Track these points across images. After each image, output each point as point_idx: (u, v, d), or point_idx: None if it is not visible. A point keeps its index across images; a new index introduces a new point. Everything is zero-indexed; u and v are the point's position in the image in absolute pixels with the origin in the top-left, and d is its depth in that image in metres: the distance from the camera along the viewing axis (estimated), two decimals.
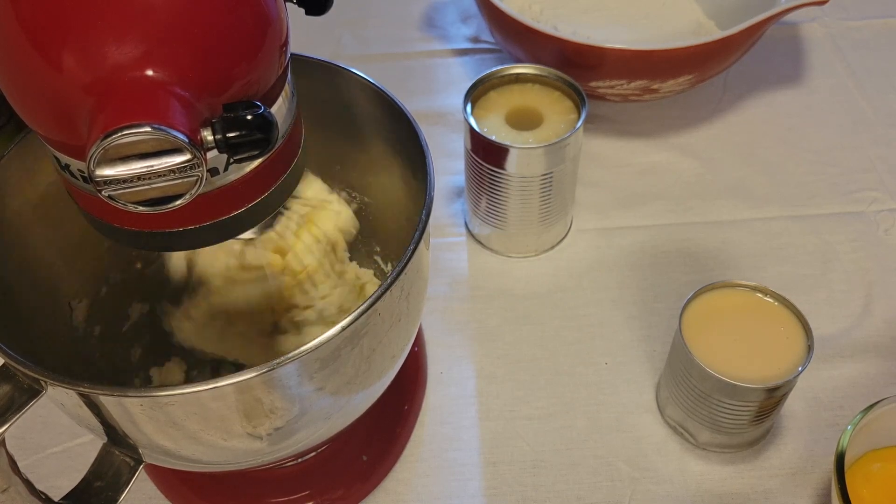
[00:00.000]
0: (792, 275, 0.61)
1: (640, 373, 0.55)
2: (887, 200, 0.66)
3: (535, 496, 0.50)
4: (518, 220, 0.60)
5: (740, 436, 0.50)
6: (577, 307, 0.59)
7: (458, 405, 0.54)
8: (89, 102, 0.28)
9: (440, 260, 0.63)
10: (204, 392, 0.33)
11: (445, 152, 0.70)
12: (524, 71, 0.59)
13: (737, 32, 0.61)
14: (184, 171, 0.28)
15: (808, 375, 0.53)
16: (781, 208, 0.65)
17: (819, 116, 0.73)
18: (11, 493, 0.36)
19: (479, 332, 0.58)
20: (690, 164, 0.69)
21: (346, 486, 0.50)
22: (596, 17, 0.75)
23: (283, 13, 0.33)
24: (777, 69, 0.77)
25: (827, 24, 0.81)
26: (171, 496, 0.50)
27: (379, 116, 0.46)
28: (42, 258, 0.46)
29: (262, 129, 0.29)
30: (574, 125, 0.56)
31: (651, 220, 0.65)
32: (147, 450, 0.39)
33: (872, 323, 0.58)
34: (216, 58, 0.29)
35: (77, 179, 0.32)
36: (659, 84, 0.64)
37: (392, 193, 0.50)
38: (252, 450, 0.39)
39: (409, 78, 0.78)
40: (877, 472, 0.46)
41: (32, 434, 0.53)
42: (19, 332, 0.41)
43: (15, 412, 0.34)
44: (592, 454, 0.52)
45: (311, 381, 0.36)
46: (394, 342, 0.41)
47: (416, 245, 0.38)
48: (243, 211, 0.34)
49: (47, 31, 0.28)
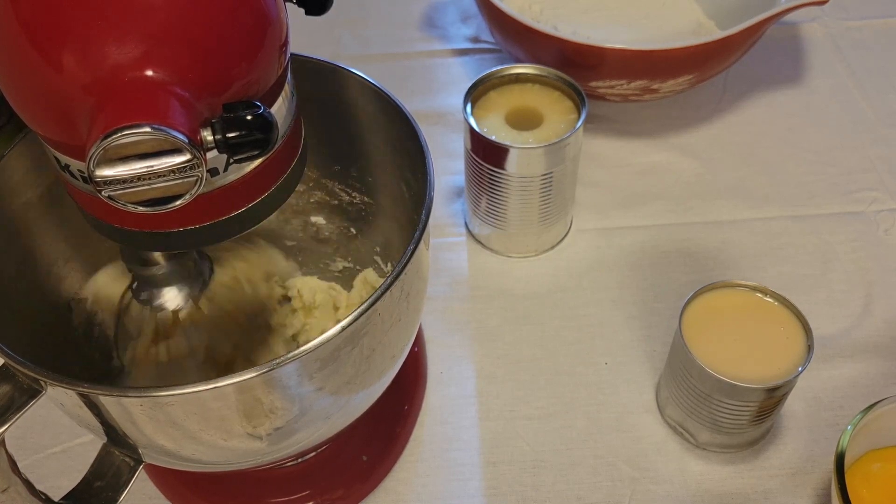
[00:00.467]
0: (792, 275, 0.61)
1: (640, 373, 0.55)
2: (887, 200, 0.66)
3: (535, 496, 0.50)
4: (518, 220, 0.60)
5: (740, 436, 0.50)
6: (577, 307, 0.59)
7: (458, 405, 0.54)
8: (89, 102, 0.28)
9: (440, 260, 0.63)
10: (204, 392, 0.33)
11: (445, 152, 0.70)
12: (524, 71, 0.59)
13: (737, 32, 0.61)
14: (184, 171, 0.28)
15: (808, 375, 0.53)
16: (781, 208, 0.65)
17: (819, 116, 0.73)
18: (11, 493, 0.36)
19: (479, 332, 0.58)
20: (690, 164, 0.69)
21: (346, 486, 0.50)
22: (596, 17, 0.75)
23: (283, 13, 0.33)
24: (777, 69, 0.77)
25: (827, 24, 0.81)
26: (171, 496, 0.50)
27: (379, 116, 0.46)
28: (42, 258, 0.46)
29: (261, 129, 0.29)
30: (574, 125, 0.56)
31: (651, 220, 0.65)
32: (147, 450, 0.39)
33: (872, 323, 0.58)
34: (216, 58, 0.29)
35: (77, 180, 0.32)
36: (659, 84, 0.64)
37: (392, 193, 0.50)
38: (252, 450, 0.39)
39: (409, 78, 0.78)
40: (877, 472, 0.46)
41: (32, 434, 0.53)
42: (19, 332, 0.41)
43: (15, 412, 0.34)
44: (592, 454, 0.52)
45: (311, 381, 0.36)
46: (394, 342, 0.41)
47: (416, 245, 0.38)
48: (243, 211, 0.34)
49: (47, 31, 0.28)
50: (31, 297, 0.44)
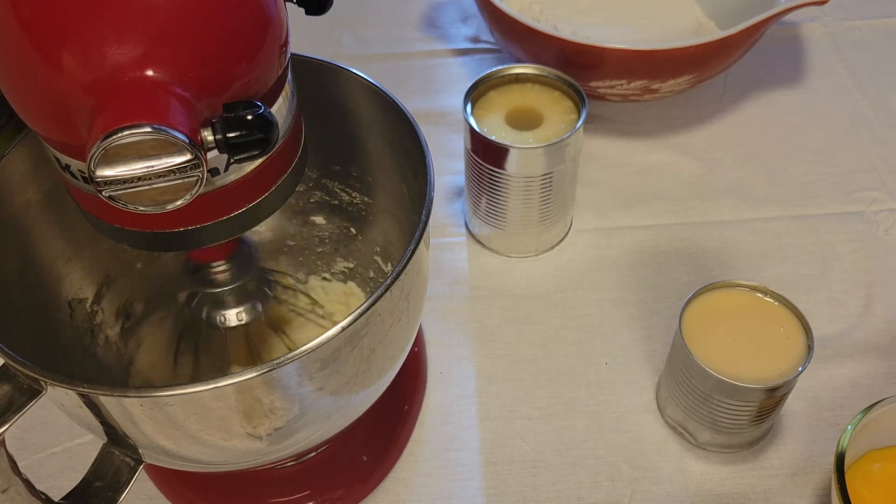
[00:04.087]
0: (792, 275, 0.61)
1: (640, 373, 0.55)
2: (887, 200, 0.66)
3: (535, 496, 0.50)
4: (518, 220, 0.60)
5: (740, 436, 0.50)
6: (577, 307, 0.59)
7: (458, 405, 0.54)
8: (90, 103, 0.28)
9: (440, 260, 0.63)
10: (204, 392, 0.33)
11: (445, 152, 0.70)
12: (524, 71, 0.59)
13: (737, 32, 0.61)
14: (184, 171, 0.28)
15: (808, 375, 0.53)
16: (781, 208, 0.65)
17: (819, 116, 0.73)
18: (11, 493, 0.36)
19: (479, 332, 0.58)
20: (690, 164, 0.69)
21: (346, 486, 0.50)
22: (596, 17, 0.75)
23: (283, 13, 0.33)
24: (777, 69, 0.77)
25: (827, 24, 0.81)
26: (171, 496, 0.50)
27: (379, 116, 0.46)
28: (42, 258, 0.46)
29: (262, 129, 0.29)
30: (574, 125, 0.56)
31: (651, 220, 0.65)
32: (147, 450, 0.39)
33: (872, 323, 0.58)
34: (216, 58, 0.29)
35: (77, 180, 0.32)
36: (659, 84, 0.64)
37: (392, 193, 0.50)
38: (252, 450, 0.39)
39: (409, 78, 0.78)
40: (877, 472, 0.46)
41: (32, 434, 0.53)
42: (19, 332, 0.41)
43: (15, 412, 0.34)
44: (592, 454, 0.52)
45: (311, 381, 0.36)
46: (394, 342, 0.41)
47: (416, 245, 0.38)
48: (244, 211, 0.34)
49: (48, 32, 0.28)
50: (31, 297, 0.44)
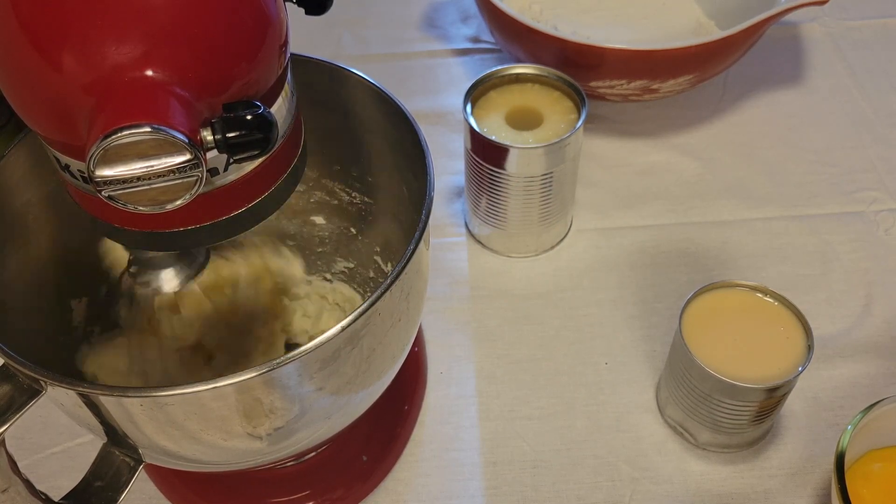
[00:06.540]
0: (792, 275, 0.61)
1: (640, 373, 0.55)
2: (887, 200, 0.66)
3: (535, 496, 0.50)
4: (518, 220, 0.60)
5: (740, 436, 0.50)
6: (577, 307, 0.59)
7: (458, 405, 0.54)
8: (89, 103, 0.28)
9: (440, 260, 0.63)
10: (204, 392, 0.33)
11: (445, 152, 0.70)
12: (524, 71, 0.59)
13: (737, 32, 0.61)
14: (184, 171, 0.28)
15: (808, 375, 0.53)
16: (781, 208, 0.65)
17: (819, 116, 0.73)
18: (11, 493, 0.36)
19: (479, 332, 0.58)
20: (690, 164, 0.69)
21: (346, 486, 0.50)
22: (596, 17, 0.75)
23: (283, 13, 0.33)
24: (777, 69, 0.77)
25: (827, 24, 0.81)
26: (171, 496, 0.50)
27: (379, 116, 0.46)
28: (42, 258, 0.46)
29: (261, 128, 0.29)
30: (574, 125, 0.56)
31: (651, 220, 0.65)
32: (147, 450, 0.39)
33: (872, 323, 0.58)
34: (216, 58, 0.29)
35: (77, 180, 0.32)
36: (659, 84, 0.64)
37: (392, 193, 0.50)
38: (252, 450, 0.39)
39: (409, 78, 0.78)
40: (877, 472, 0.46)
41: (32, 434, 0.53)
42: (19, 332, 0.41)
43: (15, 412, 0.34)
44: (592, 454, 0.52)
45: (311, 381, 0.36)
46: (394, 342, 0.41)
47: (416, 245, 0.38)
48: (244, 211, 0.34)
49: (47, 32, 0.28)
50: (31, 297, 0.44)
